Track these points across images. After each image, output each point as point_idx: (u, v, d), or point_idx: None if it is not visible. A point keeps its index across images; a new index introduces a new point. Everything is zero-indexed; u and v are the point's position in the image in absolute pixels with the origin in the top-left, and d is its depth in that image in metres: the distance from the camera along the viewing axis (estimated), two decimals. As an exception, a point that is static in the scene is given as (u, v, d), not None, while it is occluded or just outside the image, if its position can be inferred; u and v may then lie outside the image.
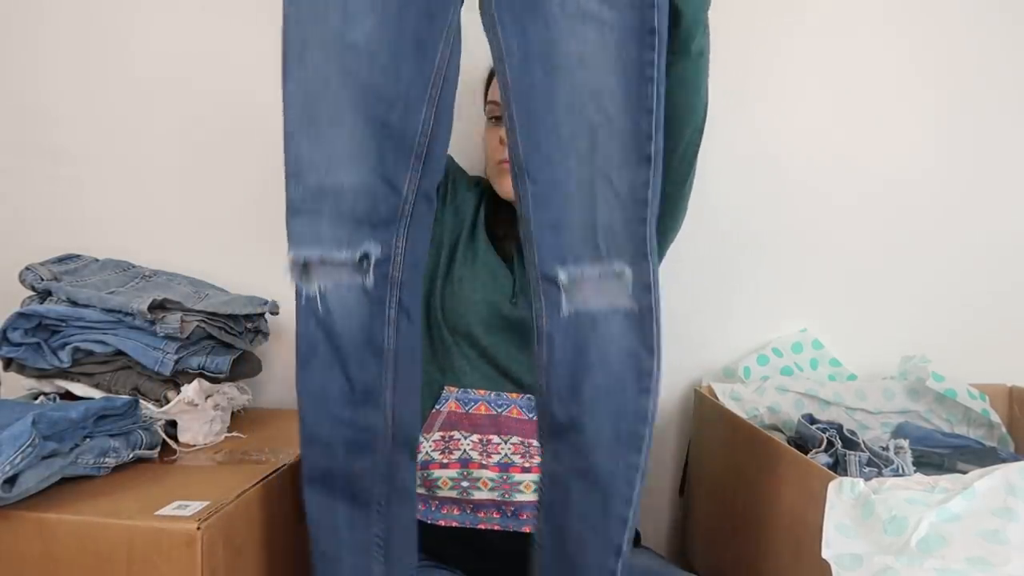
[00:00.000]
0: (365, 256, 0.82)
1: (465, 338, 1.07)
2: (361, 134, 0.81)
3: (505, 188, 1.10)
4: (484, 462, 1.02)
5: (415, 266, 0.87)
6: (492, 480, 1.01)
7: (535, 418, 1.03)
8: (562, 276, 0.79)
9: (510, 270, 1.09)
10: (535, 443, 1.03)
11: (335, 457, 0.85)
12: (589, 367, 0.79)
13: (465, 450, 1.02)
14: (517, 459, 1.02)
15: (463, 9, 0.82)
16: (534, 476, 1.02)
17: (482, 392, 1.05)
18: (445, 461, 1.02)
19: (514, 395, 1.05)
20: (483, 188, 1.18)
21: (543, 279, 0.80)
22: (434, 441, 1.03)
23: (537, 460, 1.02)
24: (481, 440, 1.03)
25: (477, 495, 1.01)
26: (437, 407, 1.05)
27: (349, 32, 0.79)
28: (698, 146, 0.99)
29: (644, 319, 0.78)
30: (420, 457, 1.01)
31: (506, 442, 1.03)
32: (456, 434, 1.03)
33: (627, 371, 0.79)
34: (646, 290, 0.78)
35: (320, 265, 0.82)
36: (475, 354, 1.07)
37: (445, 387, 1.06)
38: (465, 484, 1.02)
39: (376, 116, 0.80)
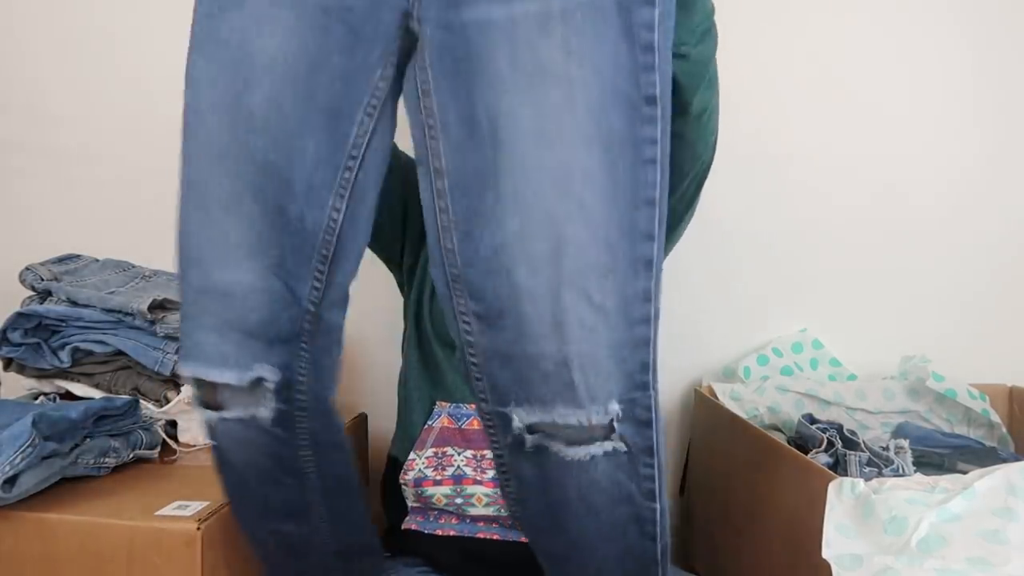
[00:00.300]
0: (258, 382, 0.65)
1: (454, 350, 1.04)
2: (260, 224, 0.63)
3: None
4: (478, 478, 0.99)
5: (324, 393, 0.70)
6: (487, 496, 0.99)
7: None
8: (517, 420, 0.62)
9: None
10: None
11: (271, 555, 0.77)
12: (569, 508, 0.64)
13: (459, 466, 1.00)
14: None
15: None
16: None
17: (474, 406, 1.02)
18: (438, 478, 1.00)
19: None
20: None
21: (494, 415, 0.63)
22: (427, 458, 1.00)
23: None
24: (475, 455, 1.00)
25: (472, 511, 1.00)
26: (429, 423, 1.02)
27: (247, 94, 0.61)
28: (703, 181, 0.92)
29: (637, 460, 0.61)
30: (413, 475, 0.99)
31: None
32: (449, 450, 1.01)
33: (622, 518, 0.64)
34: (643, 427, 0.61)
35: (207, 386, 0.66)
36: (453, 359, 1.03)
37: (437, 402, 1.02)
38: (459, 501, 1.00)
39: (274, 203, 0.63)
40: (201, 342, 0.65)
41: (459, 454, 1.00)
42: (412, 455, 1.00)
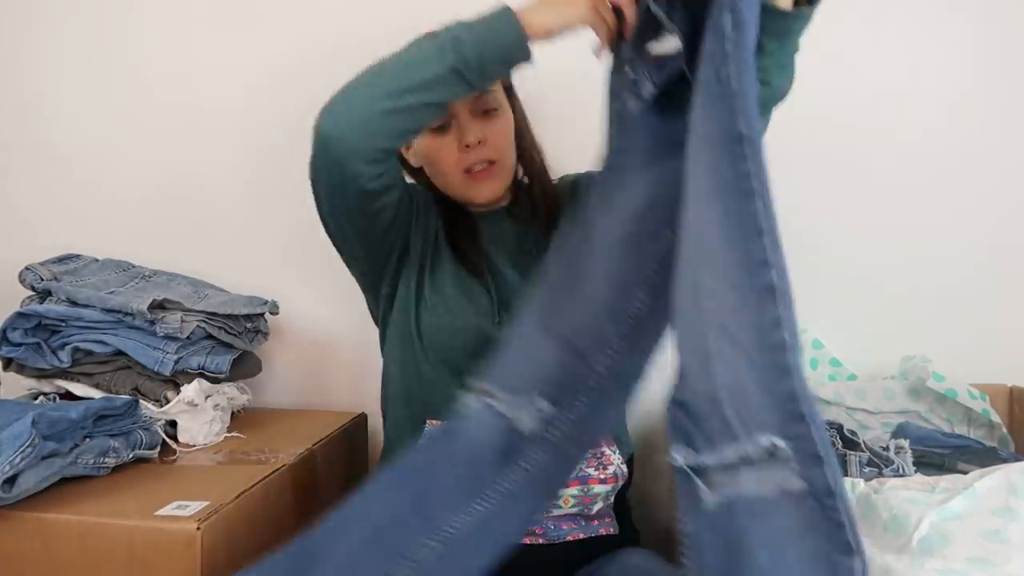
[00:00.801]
0: (535, 408, 0.81)
1: (449, 368, 1.00)
2: (586, 309, 0.82)
3: (482, 194, 1.03)
4: None
5: (577, 442, 0.82)
6: None
7: None
8: (682, 461, 0.63)
9: (484, 286, 1.02)
10: None
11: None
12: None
13: None
14: None
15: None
16: None
17: None
18: None
19: None
20: (433, 201, 1.09)
21: (672, 467, 0.65)
22: None
23: None
24: None
25: None
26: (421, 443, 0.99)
27: (621, 228, 0.83)
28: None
29: (824, 504, 0.57)
30: None
31: None
32: None
33: None
34: (813, 463, 0.57)
35: (486, 395, 0.82)
36: (458, 383, 0.98)
37: (427, 421, 1.00)
38: None
39: (601, 296, 0.82)
40: (505, 370, 0.83)
41: None
42: None
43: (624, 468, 1.03)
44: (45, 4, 1.38)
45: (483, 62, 0.83)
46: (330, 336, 1.34)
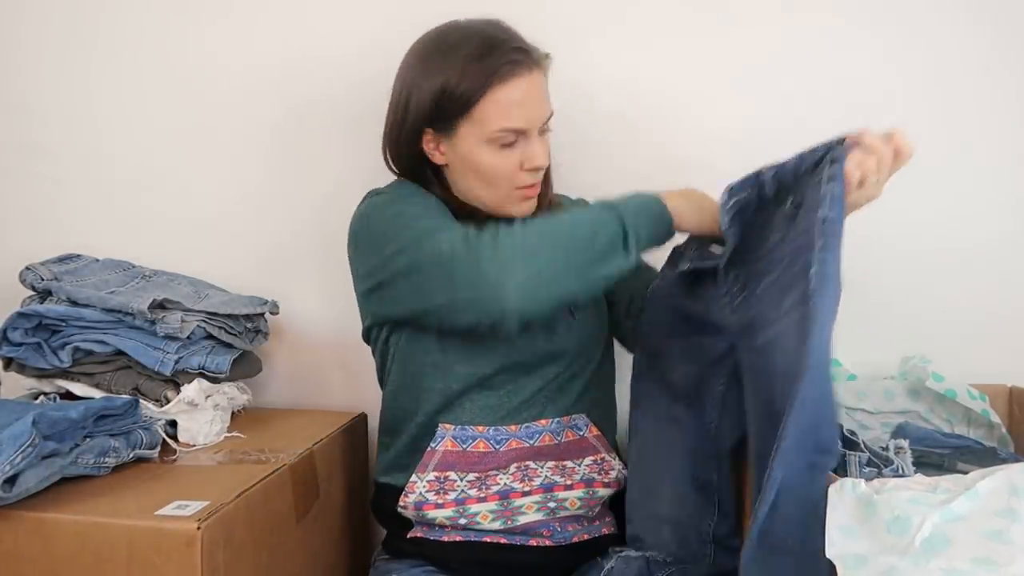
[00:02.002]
0: (665, 538, 0.99)
1: (474, 378, 0.99)
2: (682, 484, 0.99)
3: (523, 211, 1.02)
4: (482, 495, 0.98)
5: (699, 555, 0.98)
6: (492, 512, 0.98)
7: (535, 444, 1.01)
8: None
9: None
10: (532, 464, 1.00)
11: None
12: None
13: (462, 490, 0.98)
14: (517, 485, 0.99)
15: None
16: (535, 497, 1.00)
17: (481, 428, 0.99)
18: (440, 502, 0.98)
19: (512, 427, 1.00)
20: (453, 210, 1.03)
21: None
22: (428, 481, 0.98)
23: (537, 481, 1.00)
24: (479, 477, 0.98)
25: (477, 527, 0.99)
26: (432, 445, 0.99)
27: (672, 409, 1.01)
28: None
29: None
30: (413, 497, 0.98)
31: (504, 472, 0.99)
32: (452, 475, 0.98)
33: None
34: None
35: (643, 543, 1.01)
36: (477, 390, 1.00)
37: (440, 424, 0.99)
38: (463, 521, 0.98)
39: (691, 472, 0.99)
40: (636, 512, 1.02)
41: (462, 479, 0.98)
42: (413, 477, 0.99)
43: (624, 473, 1.04)
44: (45, 4, 1.37)
45: (640, 253, 0.90)
46: (330, 336, 1.34)
